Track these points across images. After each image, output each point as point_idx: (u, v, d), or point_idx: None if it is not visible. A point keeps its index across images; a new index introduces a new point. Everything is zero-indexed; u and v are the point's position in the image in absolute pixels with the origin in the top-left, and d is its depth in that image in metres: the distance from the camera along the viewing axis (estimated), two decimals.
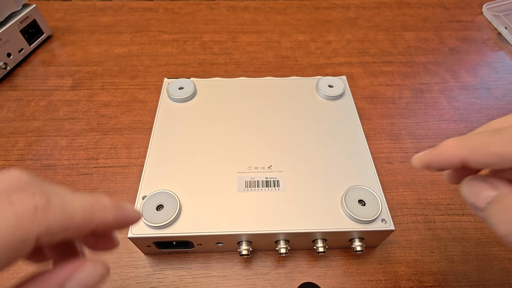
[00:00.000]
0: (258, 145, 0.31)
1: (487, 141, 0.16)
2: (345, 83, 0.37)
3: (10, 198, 0.12)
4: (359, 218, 0.25)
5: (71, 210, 0.14)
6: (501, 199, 0.16)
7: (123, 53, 0.48)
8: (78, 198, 0.14)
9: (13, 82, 0.43)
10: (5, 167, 0.34)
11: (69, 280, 0.14)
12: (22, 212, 0.12)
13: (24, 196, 0.13)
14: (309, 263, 0.28)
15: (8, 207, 0.12)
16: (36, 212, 0.12)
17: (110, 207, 0.15)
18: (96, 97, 0.42)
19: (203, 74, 0.45)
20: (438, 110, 0.41)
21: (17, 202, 0.12)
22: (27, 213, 0.12)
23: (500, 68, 0.46)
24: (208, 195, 0.27)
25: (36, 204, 0.12)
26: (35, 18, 0.46)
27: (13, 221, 0.12)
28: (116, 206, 0.16)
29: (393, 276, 0.28)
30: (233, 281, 0.27)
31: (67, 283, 0.14)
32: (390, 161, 0.35)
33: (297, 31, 0.53)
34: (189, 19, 0.55)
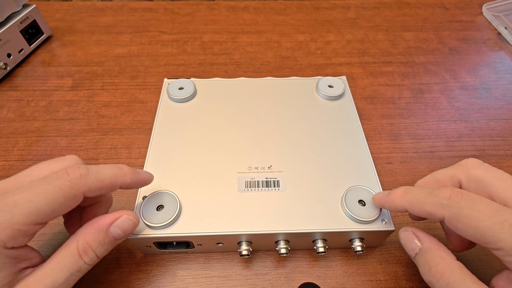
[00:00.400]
0: (258, 145, 0.31)
1: (422, 201, 0.21)
2: (345, 83, 0.37)
3: (67, 169, 0.20)
4: (359, 218, 0.25)
5: (102, 176, 0.21)
6: (422, 253, 0.21)
7: (123, 53, 0.48)
8: (106, 168, 0.22)
9: (13, 83, 0.43)
10: (5, 167, 0.34)
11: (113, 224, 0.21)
12: (73, 178, 0.20)
13: (74, 168, 0.20)
14: (309, 263, 0.28)
15: (66, 175, 0.20)
16: (81, 178, 0.20)
17: (128, 173, 0.22)
18: (96, 98, 0.42)
19: (203, 74, 0.45)
20: (438, 110, 0.41)
21: (70, 172, 0.20)
22: (76, 179, 0.20)
23: (500, 68, 0.46)
24: (208, 195, 0.27)
25: (81, 173, 0.20)
26: (35, 19, 0.46)
27: (69, 183, 0.19)
28: (132, 171, 0.23)
29: (393, 276, 0.28)
30: (233, 281, 0.27)
31: (112, 226, 0.21)
32: (390, 161, 0.35)
33: (297, 31, 0.53)
34: (189, 20, 0.55)
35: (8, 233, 0.18)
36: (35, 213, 0.18)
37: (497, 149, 0.37)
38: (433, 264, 0.20)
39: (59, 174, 0.20)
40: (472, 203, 0.19)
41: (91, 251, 0.20)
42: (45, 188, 0.19)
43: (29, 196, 0.18)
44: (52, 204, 0.19)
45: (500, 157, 0.36)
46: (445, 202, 0.19)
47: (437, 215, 0.20)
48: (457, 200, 0.19)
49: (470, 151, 0.37)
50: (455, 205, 0.19)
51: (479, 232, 0.18)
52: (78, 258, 0.20)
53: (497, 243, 0.18)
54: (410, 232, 0.22)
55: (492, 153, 0.36)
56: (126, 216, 0.22)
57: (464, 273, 0.19)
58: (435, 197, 0.20)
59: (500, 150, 0.37)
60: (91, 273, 0.27)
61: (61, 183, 0.19)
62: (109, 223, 0.21)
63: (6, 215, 0.18)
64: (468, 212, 0.18)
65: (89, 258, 0.20)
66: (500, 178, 0.20)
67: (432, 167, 0.35)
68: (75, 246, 0.20)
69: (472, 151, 0.37)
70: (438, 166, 0.35)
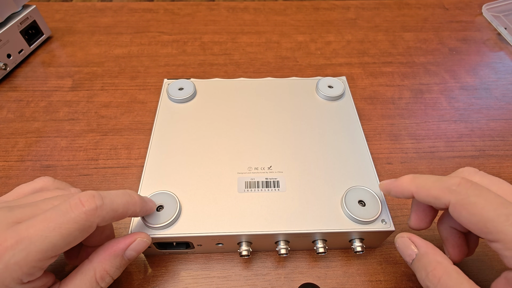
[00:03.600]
0: (258, 145, 0.31)
1: (430, 185, 0.21)
2: (345, 84, 0.37)
3: (81, 199, 0.19)
4: (359, 218, 0.25)
5: (116, 206, 0.20)
6: (419, 258, 0.21)
7: (123, 54, 0.48)
8: (119, 197, 0.21)
9: (13, 83, 0.43)
10: (5, 168, 0.34)
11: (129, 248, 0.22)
12: (89, 210, 0.19)
13: (89, 198, 0.19)
14: (309, 263, 0.28)
15: (81, 205, 0.19)
16: (96, 209, 0.19)
17: (138, 202, 0.23)
18: (96, 98, 0.42)
19: (203, 74, 0.45)
20: (438, 110, 0.41)
21: (85, 203, 0.19)
22: (92, 210, 0.19)
23: (500, 68, 0.46)
24: (208, 196, 0.27)
25: (96, 204, 0.19)
26: (35, 19, 0.46)
27: (84, 215, 0.19)
28: (141, 201, 0.23)
29: (393, 277, 0.28)
30: (233, 281, 0.27)
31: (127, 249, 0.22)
32: (390, 161, 0.35)
33: (297, 31, 0.53)
34: (189, 20, 0.55)
35: (25, 271, 0.17)
36: (51, 249, 0.18)
37: (497, 149, 0.37)
38: (430, 269, 0.20)
39: (73, 204, 0.19)
40: (480, 192, 0.19)
41: (109, 277, 0.21)
42: (60, 222, 0.18)
43: (44, 232, 0.18)
44: (67, 238, 0.18)
45: (500, 158, 0.36)
46: (453, 188, 0.20)
47: (443, 200, 0.20)
48: (466, 187, 0.19)
49: (470, 152, 0.37)
50: (463, 192, 0.19)
51: (482, 221, 0.18)
52: (96, 285, 0.20)
53: (498, 234, 0.18)
54: (406, 238, 0.22)
55: (492, 154, 0.36)
56: (140, 239, 0.23)
57: (461, 277, 0.19)
58: (444, 182, 0.20)
59: (500, 151, 0.37)
60: None
61: (76, 216, 0.18)
62: (125, 248, 0.22)
63: (22, 254, 0.17)
64: (475, 199, 0.19)
65: (106, 283, 0.21)
66: (496, 184, 0.21)
67: (432, 168, 0.35)
68: (92, 274, 0.20)
69: (472, 152, 0.37)
70: (438, 167, 0.35)
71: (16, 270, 0.17)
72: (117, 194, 0.21)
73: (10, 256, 0.17)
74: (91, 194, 0.19)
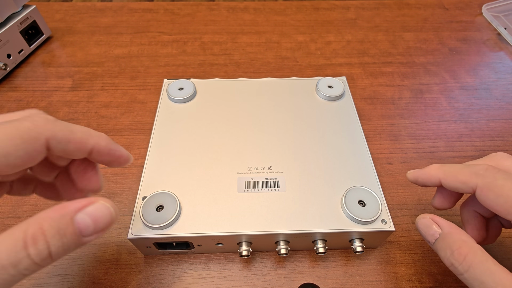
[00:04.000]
0: (258, 145, 0.31)
1: (458, 171, 0.22)
2: (345, 84, 0.37)
3: (30, 115, 0.17)
4: (359, 218, 0.25)
5: (73, 128, 0.18)
6: (443, 237, 0.21)
7: (123, 54, 0.48)
8: (78, 125, 0.18)
9: (13, 83, 0.43)
10: None
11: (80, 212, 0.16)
12: (36, 120, 0.16)
13: (39, 114, 0.18)
14: (309, 263, 0.28)
15: (29, 118, 0.16)
16: (47, 121, 0.17)
17: (103, 137, 0.19)
18: (96, 98, 0.42)
19: (203, 74, 0.45)
20: (438, 110, 0.41)
21: (33, 115, 0.17)
22: (40, 121, 0.16)
23: (500, 68, 0.46)
24: (208, 196, 0.27)
25: (47, 118, 0.17)
26: (35, 19, 0.46)
27: (29, 124, 0.16)
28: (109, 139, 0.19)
29: (393, 277, 0.28)
30: (233, 281, 0.27)
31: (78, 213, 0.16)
32: (390, 161, 0.35)
33: (297, 31, 0.53)
34: (189, 20, 0.55)
35: None
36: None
37: (497, 149, 0.37)
38: (456, 247, 0.20)
39: (18, 114, 0.17)
40: (507, 175, 0.20)
41: (44, 241, 0.14)
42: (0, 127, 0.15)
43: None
44: (6, 144, 0.15)
45: None
46: (481, 172, 0.20)
47: (471, 184, 0.21)
48: (494, 172, 0.20)
49: (470, 152, 0.37)
50: (490, 176, 0.20)
51: (509, 201, 0.19)
52: (21, 246, 0.14)
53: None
54: (429, 218, 0.23)
55: None
56: (102, 203, 0.17)
57: (486, 255, 0.19)
58: (471, 168, 0.21)
59: (500, 151, 0.37)
60: (91, 273, 0.27)
61: (19, 123, 0.16)
62: (78, 208, 0.16)
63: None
64: (502, 182, 0.19)
65: (37, 250, 0.14)
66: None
67: None
68: (22, 230, 0.14)
69: (472, 152, 0.37)
70: None
71: None
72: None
73: None
74: (42, 112, 0.18)
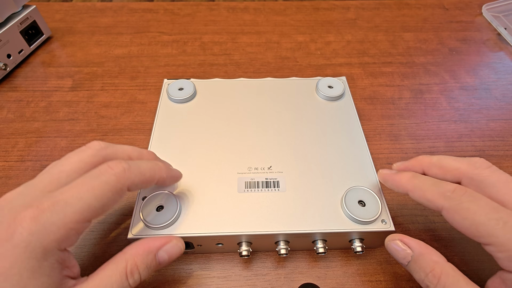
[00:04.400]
0: (258, 146, 0.31)
1: (427, 188, 0.22)
2: (345, 84, 0.37)
3: (109, 164, 0.20)
4: (359, 218, 0.25)
5: (143, 170, 0.21)
6: (415, 260, 0.21)
7: (123, 54, 0.48)
8: (144, 163, 0.22)
9: (13, 83, 0.43)
10: (5, 168, 0.34)
11: (161, 250, 0.22)
12: (118, 172, 0.20)
13: (116, 163, 0.20)
14: (309, 264, 0.28)
15: (109, 169, 0.20)
16: (125, 172, 0.20)
17: (163, 168, 0.24)
18: (96, 98, 0.42)
19: (203, 75, 0.45)
20: (438, 110, 0.41)
21: (113, 166, 0.20)
22: (121, 173, 0.20)
23: (499, 68, 0.46)
24: (208, 196, 0.27)
25: (124, 167, 0.20)
26: (35, 19, 0.47)
27: (114, 177, 0.20)
28: (166, 167, 0.24)
29: (393, 277, 0.28)
30: (233, 282, 0.27)
31: (160, 250, 0.22)
32: (390, 161, 0.35)
33: (297, 32, 0.53)
34: (189, 20, 0.55)
35: (63, 233, 0.17)
36: (86, 210, 0.18)
37: (496, 149, 0.37)
38: (429, 269, 0.20)
39: (102, 169, 0.20)
40: (473, 198, 0.20)
41: (138, 273, 0.20)
42: (92, 184, 0.19)
43: (78, 193, 0.18)
44: (101, 199, 0.19)
45: (499, 158, 0.36)
46: (448, 194, 0.21)
47: (437, 204, 0.21)
48: (460, 194, 0.20)
49: (470, 152, 0.37)
50: (457, 198, 0.20)
51: (474, 225, 0.19)
52: (125, 279, 0.20)
53: (489, 237, 0.19)
54: (397, 241, 0.23)
55: (492, 154, 0.36)
56: (175, 243, 0.23)
57: (457, 274, 0.20)
58: (440, 187, 0.21)
59: (499, 151, 0.37)
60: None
61: (107, 178, 0.19)
62: (159, 247, 0.22)
63: (60, 215, 0.17)
64: (468, 205, 0.20)
65: (134, 280, 0.20)
66: (504, 181, 0.21)
67: None
68: (124, 265, 0.20)
69: (472, 152, 0.37)
70: None
71: (54, 232, 0.17)
72: (142, 161, 0.22)
73: (48, 217, 0.17)
74: (117, 160, 0.20)
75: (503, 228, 0.18)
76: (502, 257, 0.18)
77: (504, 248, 0.18)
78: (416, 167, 0.25)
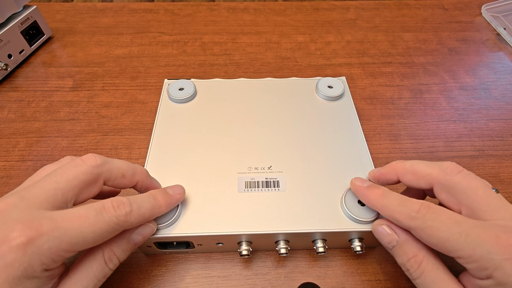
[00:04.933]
0: (258, 145, 0.31)
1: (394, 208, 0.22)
2: (345, 84, 0.37)
3: (113, 204, 0.20)
4: (358, 218, 0.25)
5: (143, 212, 0.22)
6: (400, 245, 0.22)
7: (124, 54, 0.48)
8: (145, 201, 0.22)
9: (14, 83, 0.43)
10: (6, 168, 0.35)
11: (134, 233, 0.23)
12: (120, 215, 0.20)
13: (120, 204, 0.21)
14: (309, 263, 0.28)
15: (113, 210, 0.20)
16: (126, 216, 0.21)
17: (163, 205, 0.24)
18: (96, 98, 0.42)
19: (203, 75, 0.45)
20: (437, 110, 0.41)
21: (117, 208, 0.20)
22: (122, 216, 0.20)
23: (499, 68, 0.47)
24: (209, 196, 0.27)
25: (126, 211, 0.21)
26: (36, 19, 0.47)
27: (115, 219, 0.20)
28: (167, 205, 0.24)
29: (393, 276, 0.28)
30: (234, 281, 0.27)
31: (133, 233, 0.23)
32: (389, 161, 0.35)
33: (297, 32, 0.53)
34: (189, 20, 0.55)
35: (53, 258, 0.18)
36: (81, 243, 0.19)
37: (496, 149, 0.37)
38: (412, 255, 0.21)
39: (106, 206, 0.20)
40: (435, 215, 0.20)
41: (116, 258, 0.22)
42: (94, 220, 0.19)
43: (80, 226, 0.19)
44: (98, 237, 0.19)
45: (499, 157, 0.36)
46: (413, 214, 0.21)
47: (405, 225, 0.22)
48: (424, 213, 0.21)
49: (469, 151, 0.37)
50: (421, 218, 0.21)
51: (440, 242, 0.20)
52: (104, 265, 0.21)
53: (456, 251, 0.19)
54: (385, 226, 0.23)
55: (491, 153, 0.37)
56: (146, 224, 0.23)
57: (438, 262, 0.21)
58: (406, 208, 0.22)
59: (499, 151, 0.37)
60: None
61: (109, 219, 0.20)
62: (131, 231, 0.23)
63: (56, 241, 0.18)
64: (431, 223, 0.20)
65: (113, 264, 0.22)
66: (474, 188, 0.21)
67: None
68: (101, 254, 0.21)
69: (471, 151, 0.37)
70: None
71: (46, 256, 0.18)
72: (143, 199, 0.23)
73: (44, 241, 0.17)
74: (121, 201, 0.21)
75: (465, 241, 0.19)
76: (471, 267, 0.19)
77: (471, 259, 0.19)
78: (391, 174, 0.25)
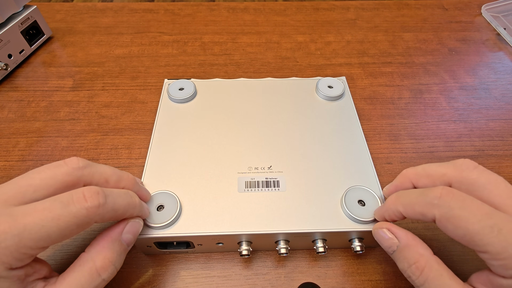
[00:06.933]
0: (258, 145, 0.31)
1: (414, 201, 0.21)
2: (345, 84, 0.37)
3: (85, 193, 0.19)
4: (358, 218, 0.25)
5: (117, 207, 0.20)
6: (401, 250, 0.21)
7: (124, 54, 0.48)
8: (121, 197, 0.21)
9: (14, 83, 0.43)
10: (6, 168, 0.35)
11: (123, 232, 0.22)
12: (91, 206, 0.18)
13: (93, 194, 0.19)
14: (309, 263, 0.28)
15: (83, 201, 0.18)
16: (98, 207, 0.19)
17: (138, 206, 0.23)
18: (96, 98, 0.42)
19: (203, 75, 0.45)
20: (437, 110, 0.41)
21: (88, 199, 0.19)
22: (93, 208, 0.19)
23: (499, 68, 0.47)
24: (209, 196, 0.27)
25: (99, 202, 0.19)
26: (36, 19, 0.47)
27: (85, 211, 0.18)
28: (140, 205, 0.23)
29: (393, 276, 0.28)
30: (234, 281, 0.27)
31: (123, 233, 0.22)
32: (389, 161, 0.36)
33: (297, 32, 0.53)
34: (189, 20, 0.55)
35: (15, 256, 0.17)
36: (44, 239, 0.17)
37: (496, 149, 0.37)
38: (413, 261, 0.20)
39: (75, 197, 0.18)
40: (463, 203, 0.19)
41: (111, 265, 0.20)
42: (59, 214, 0.18)
43: (41, 221, 0.17)
44: (63, 231, 0.18)
45: (499, 157, 0.36)
46: (435, 202, 0.19)
47: (429, 215, 0.20)
48: (448, 199, 0.19)
49: (469, 151, 0.37)
50: (445, 205, 0.19)
51: (468, 235, 0.18)
52: (97, 276, 0.20)
53: (485, 246, 0.18)
54: (385, 229, 0.22)
55: (491, 153, 0.37)
56: (132, 220, 0.23)
57: (442, 268, 0.20)
58: (426, 196, 0.20)
59: (499, 151, 0.37)
60: None
61: (77, 211, 0.18)
62: (120, 232, 0.21)
63: (15, 239, 0.17)
64: (459, 212, 0.18)
65: (109, 273, 0.20)
66: (494, 183, 0.20)
67: None
68: (91, 264, 0.20)
69: (471, 151, 0.37)
70: None
71: (6, 255, 0.17)
72: (119, 194, 0.21)
73: (1, 240, 0.16)
74: (95, 191, 0.19)
75: (497, 236, 0.17)
76: (496, 264, 0.18)
77: (499, 257, 0.17)
78: (405, 183, 0.24)
